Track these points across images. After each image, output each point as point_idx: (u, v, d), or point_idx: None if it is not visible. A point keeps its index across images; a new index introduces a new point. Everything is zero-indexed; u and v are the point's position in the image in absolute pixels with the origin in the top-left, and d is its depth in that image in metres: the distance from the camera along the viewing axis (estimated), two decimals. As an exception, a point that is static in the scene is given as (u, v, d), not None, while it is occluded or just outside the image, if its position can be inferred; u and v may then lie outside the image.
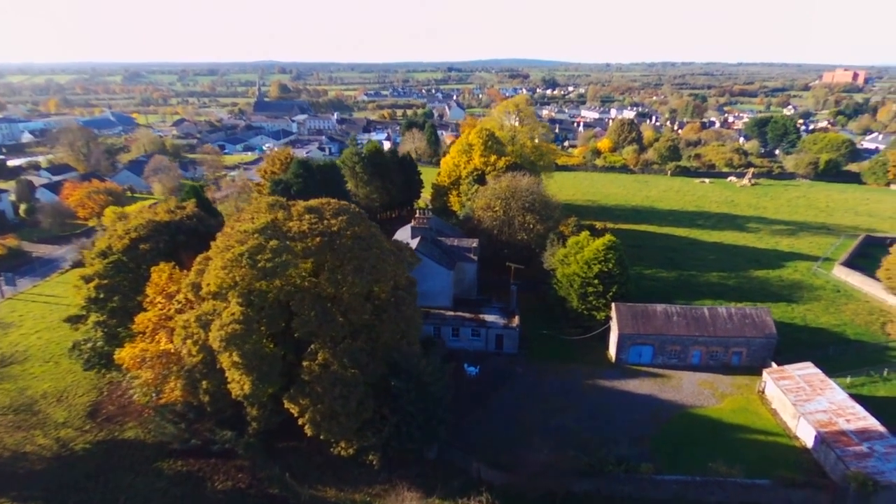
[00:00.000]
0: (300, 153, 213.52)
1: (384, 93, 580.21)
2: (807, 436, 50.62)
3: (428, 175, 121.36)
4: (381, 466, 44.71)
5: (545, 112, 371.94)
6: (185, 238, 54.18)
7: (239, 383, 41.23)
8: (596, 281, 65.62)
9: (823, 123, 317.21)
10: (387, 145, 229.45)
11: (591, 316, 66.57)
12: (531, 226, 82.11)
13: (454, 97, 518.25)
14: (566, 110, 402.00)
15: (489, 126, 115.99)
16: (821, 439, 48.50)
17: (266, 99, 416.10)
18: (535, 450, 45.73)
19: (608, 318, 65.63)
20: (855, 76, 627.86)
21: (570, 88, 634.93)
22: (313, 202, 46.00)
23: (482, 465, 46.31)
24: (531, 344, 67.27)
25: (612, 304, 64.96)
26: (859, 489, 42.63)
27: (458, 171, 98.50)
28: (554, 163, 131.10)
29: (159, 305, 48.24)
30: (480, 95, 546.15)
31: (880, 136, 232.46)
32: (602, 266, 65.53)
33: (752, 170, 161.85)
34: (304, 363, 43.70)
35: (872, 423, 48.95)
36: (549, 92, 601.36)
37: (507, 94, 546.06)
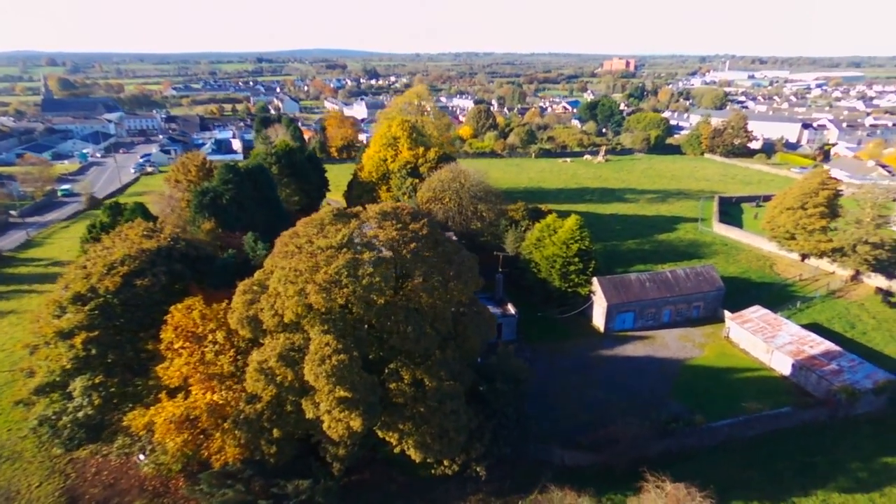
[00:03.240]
0: (129, 157, 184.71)
1: (195, 86, 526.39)
2: (782, 365, 60.55)
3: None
4: (486, 476, 42.72)
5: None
6: (181, 267, 44.57)
7: (344, 422, 35.93)
8: (576, 259, 69.49)
9: (622, 106, 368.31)
10: (236, 144, 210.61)
11: (574, 293, 70.36)
12: (482, 214, 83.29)
13: (277, 89, 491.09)
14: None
15: (391, 117, 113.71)
16: (799, 366, 58.50)
17: (55, 97, 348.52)
18: (609, 426, 48.01)
19: (591, 293, 70.09)
20: (627, 64, 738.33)
21: (393, 78, 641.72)
22: (385, 206, 41.37)
23: (566, 452, 46.99)
24: (522, 328, 68.88)
25: (594, 279, 69.55)
26: (848, 399, 52.69)
27: (385, 165, 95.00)
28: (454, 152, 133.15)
29: (187, 351, 39.40)
30: (306, 87, 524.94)
31: (675, 114, 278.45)
32: (580, 244, 69.61)
33: (603, 147, 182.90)
34: (392, 385, 39.77)
35: (829, 345, 60.47)
36: (373, 82, 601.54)
37: (331, 85, 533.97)
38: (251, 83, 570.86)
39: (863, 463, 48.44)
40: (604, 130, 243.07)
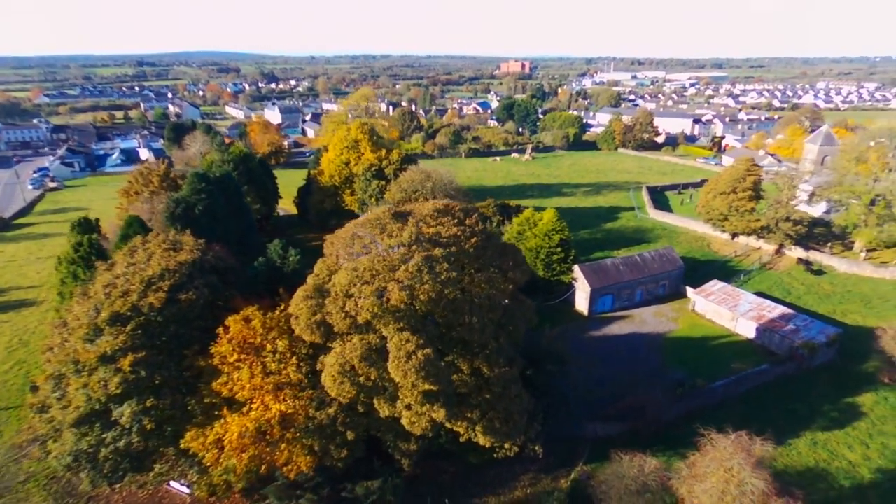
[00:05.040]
0: (15, 171, 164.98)
1: (71, 93, 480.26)
2: (747, 330, 68.60)
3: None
4: (533, 453, 45.01)
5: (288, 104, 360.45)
6: (216, 278, 42.60)
7: (427, 415, 36.80)
8: (558, 249, 73.86)
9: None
10: (144, 153, 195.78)
11: (558, 281, 74.67)
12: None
13: (169, 95, 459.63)
14: (310, 104, 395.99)
15: (338, 120, 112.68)
16: (762, 329, 66.71)
17: None
18: (627, 397, 52.39)
19: (573, 280, 74.74)
20: (523, 66, 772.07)
21: (293, 82, 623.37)
22: (437, 203, 42.16)
23: (598, 424, 50.58)
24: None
25: (575, 267, 74.28)
26: (810, 353, 61.18)
27: (348, 168, 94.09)
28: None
29: (246, 363, 38.02)
30: (201, 92, 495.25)
31: (583, 113, 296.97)
32: (560, 235, 74.08)
33: (530, 145, 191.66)
34: (454, 377, 41.00)
35: (783, 309, 69.44)
36: (273, 86, 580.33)
37: (228, 90, 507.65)
38: (137, 88, 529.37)
39: (831, 405, 56.65)
40: (521, 130, 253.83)
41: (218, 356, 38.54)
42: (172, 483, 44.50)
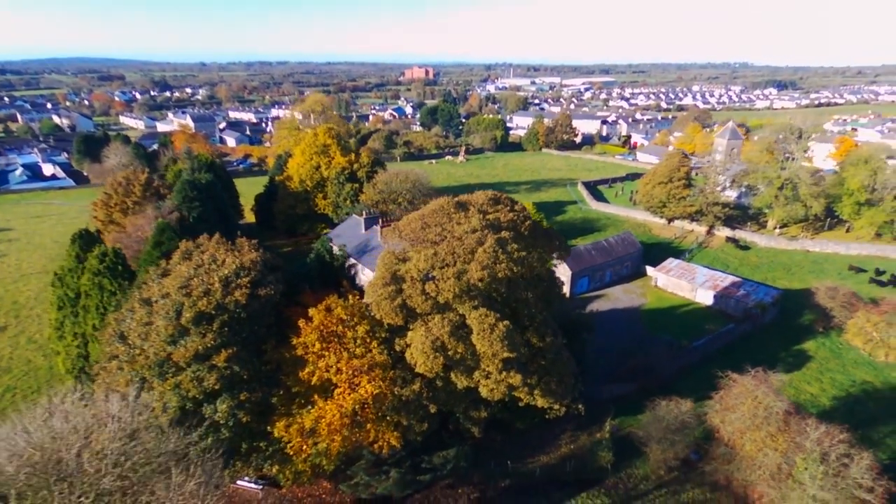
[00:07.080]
0: None
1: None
2: (705, 298, 79.06)
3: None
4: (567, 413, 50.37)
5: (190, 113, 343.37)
6: (280, 275, 43.89)
7: (505, 381, 41.05)
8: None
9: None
10: (48, 169, 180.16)
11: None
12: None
13: (48, 105, 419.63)
14: (217, 113, 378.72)
15: (289, 126, 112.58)
16: (719, 296, 77.35)
17: None
18: (630, 360, 59.63)
19: (554, 265, 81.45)
20: (427, 72, 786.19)
21: (189, 90, 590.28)
22: (487, 193, 46.19)
23: (614, 385, 57.19)
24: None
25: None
26: (762, 311, 72.28)
27: (319, 173, 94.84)
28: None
29: (331, 351, 40.06)
30: (86, 102, 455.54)
31: (499, 117, 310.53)
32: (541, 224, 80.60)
33: (463, 148, 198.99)
34: (512, 349, 45.48)
35: (733, 278, 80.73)
36: (168, 94, 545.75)
37: (117, 98, 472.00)
38: (7, 99, 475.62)
39: (786, 352, 67.61)
40: (446, 134, 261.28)
41: (301, 347, 40.23)
42: (240, 482, 45.00)
